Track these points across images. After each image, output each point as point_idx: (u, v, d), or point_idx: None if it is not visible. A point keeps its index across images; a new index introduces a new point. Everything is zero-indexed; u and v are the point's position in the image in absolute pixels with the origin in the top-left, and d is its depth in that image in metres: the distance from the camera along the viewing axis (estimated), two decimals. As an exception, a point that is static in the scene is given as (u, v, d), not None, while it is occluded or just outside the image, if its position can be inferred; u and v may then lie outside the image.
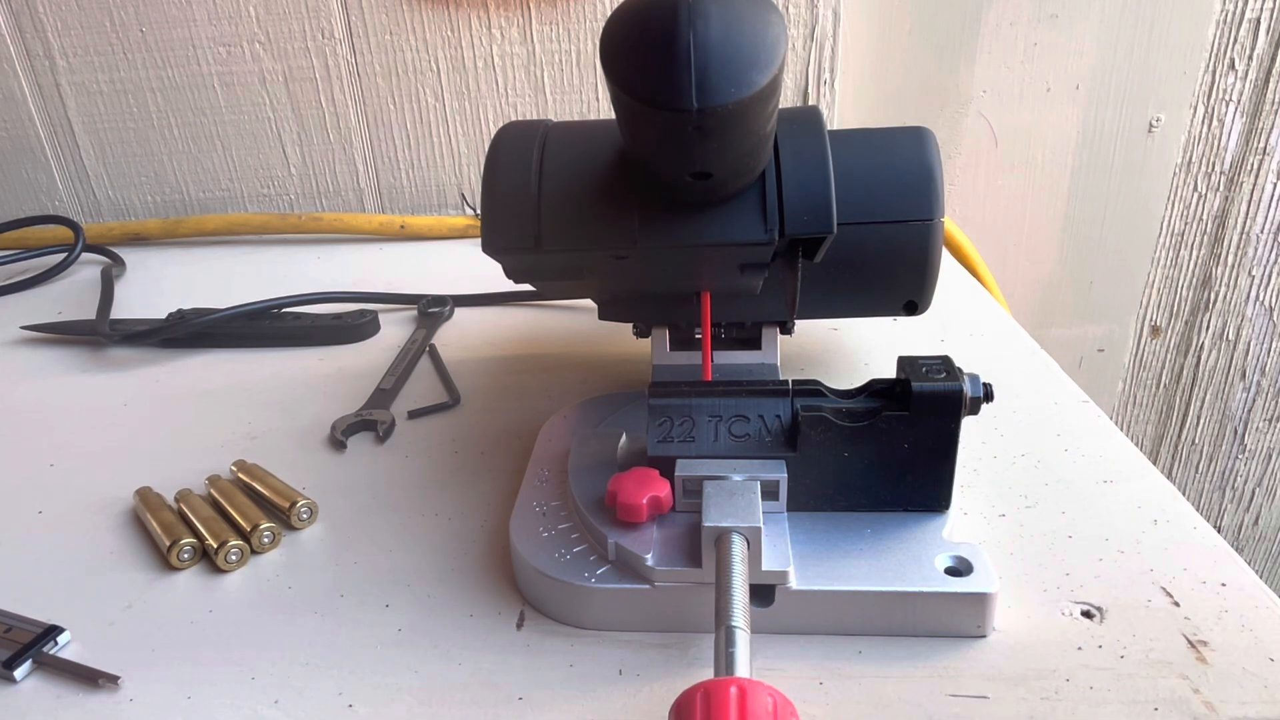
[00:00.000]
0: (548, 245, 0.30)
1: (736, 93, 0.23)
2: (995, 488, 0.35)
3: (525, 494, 0.33)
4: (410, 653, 0.29)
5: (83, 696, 0.27)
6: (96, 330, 0.52)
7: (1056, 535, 0.32)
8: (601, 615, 0.29)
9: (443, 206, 0.76)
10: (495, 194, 0.31)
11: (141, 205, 0.78)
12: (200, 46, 0.71)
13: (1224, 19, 0.69)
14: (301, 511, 0.35)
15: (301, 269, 0.66)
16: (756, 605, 0.27)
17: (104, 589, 0.32)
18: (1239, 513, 0.89)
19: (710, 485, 0.29)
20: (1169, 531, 0.32)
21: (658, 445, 0.30)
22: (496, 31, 0.70)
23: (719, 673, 0.23)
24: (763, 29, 0.23)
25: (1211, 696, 0.25)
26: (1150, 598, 0.29)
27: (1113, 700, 0.25)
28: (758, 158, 0.28)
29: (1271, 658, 0.26)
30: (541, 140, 0.32)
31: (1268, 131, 0.73)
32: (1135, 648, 0.27)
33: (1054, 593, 0.29)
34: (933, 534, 0.29)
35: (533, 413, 0.42)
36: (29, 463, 0.41)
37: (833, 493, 0.30)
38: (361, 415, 0.43)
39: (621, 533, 0.29)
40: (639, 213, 0.30)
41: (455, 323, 0.55)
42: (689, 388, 0.32)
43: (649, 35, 0.23)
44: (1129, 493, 0.34)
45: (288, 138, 0.74)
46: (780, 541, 0.28)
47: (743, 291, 0.34)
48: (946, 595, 0.27)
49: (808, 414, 0.29)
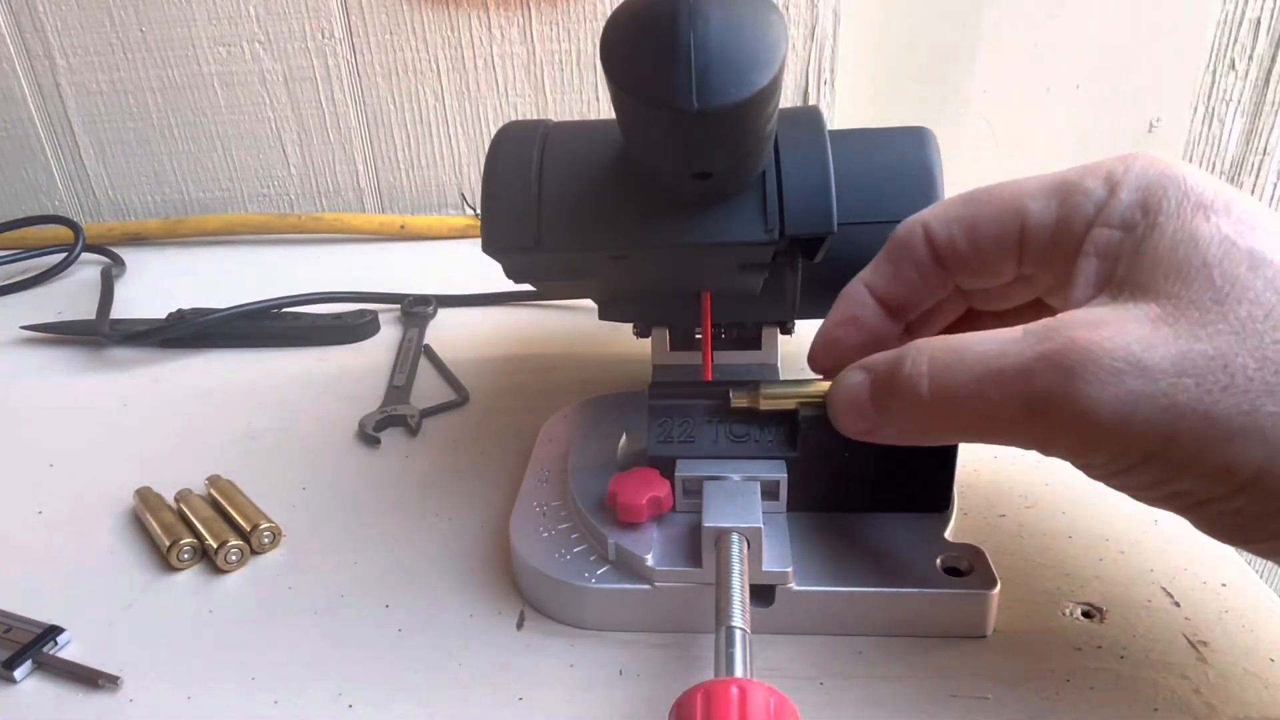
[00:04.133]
0: (548, 245, 0.30)
1: (737, 93, 0.23)
2: (995, 488, 0.35)
3: (525, 494, 0.33)
4: (410, 653, 0.29)
5: (83, 697, 0.27)
6: (96, 330, 0.52)
7: (1056, 535, 0.32)
8: (601, 615, 0.29)
9: (443, 206, 0.76)
10: (495, 194, 0.31)
11: (141, 205, 0.78)
12: (200, 46, 0.71)
13: (1224, 19, 0.69)
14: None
15: (301, 269, 0.66)
16: (756, 605, 0.27)
17: (104, 589, 0.32)
18: (1239, 513, 0.88)
19: (710, 485, 0.29)
20: (1169, 531, 0.32)
21: (658, 445, 0.30)
22: (496, 31, 0.70)
23: (719, 673, 0.23)
24: (763, 29, 0.23)
25: (1212, 697, 0.25)
26: (1150, 598, 0.29)
27: (1113, 701, 0.25)
28: (758, 158, 0.28)
29: (1272, 658, 0.26)
30: (541, 140, 0.32)
31: (1268, 132, 0.73)
32: (1135, 648, 0.27)
33: (1054, 593, 0.29)
34: (933, 534, 0.29)
35: (533, 413, 0.42)
36: (29, 463, 0.41)
37: (833, 493, 0.30)
38: (387, 411, 0.43)
39: (621, 533, 0.29)
40: (639, 213, 0.30)
41: (454, 323, 0.55)
42: (689, 388, 0.31)
43: (649, 35, 0.23)
44: (1129, 493, 0.34)
45: (288, 138, 0.74)
46: (780, 542, 0.28)
47: (743, 291, 0.34)
48: (946, 595, 0.27)
49: (808, 414, 0.29)
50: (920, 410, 0.24)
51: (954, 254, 0.26)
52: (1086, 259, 0.23)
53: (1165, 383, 0.20)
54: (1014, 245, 0.25)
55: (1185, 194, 0.22)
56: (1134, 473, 0.21)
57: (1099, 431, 0.20)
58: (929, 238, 0.27)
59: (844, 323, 0.28)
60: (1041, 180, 0.25)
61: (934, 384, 0.23)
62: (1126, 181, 0.23)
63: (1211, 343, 0.20)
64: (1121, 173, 0.23)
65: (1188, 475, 0.20)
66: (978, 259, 0.26)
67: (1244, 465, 0.19)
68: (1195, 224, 0.21)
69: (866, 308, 0.28)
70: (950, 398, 0.23)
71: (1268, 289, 0.20)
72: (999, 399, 0.22)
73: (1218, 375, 0.20)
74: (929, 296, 0.28)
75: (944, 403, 0.23)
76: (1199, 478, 0.20)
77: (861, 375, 0.26)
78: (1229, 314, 0.20)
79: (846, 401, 0.26)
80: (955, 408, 0.23)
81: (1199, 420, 0.20)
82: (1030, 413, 0.21)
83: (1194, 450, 0.20)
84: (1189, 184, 0.22)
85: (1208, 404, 0.19)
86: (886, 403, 0.25)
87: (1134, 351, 0.20)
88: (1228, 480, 0.20)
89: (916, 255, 0.27)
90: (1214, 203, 0.22)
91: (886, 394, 0.25)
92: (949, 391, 0.23)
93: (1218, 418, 0.19)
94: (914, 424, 0.25)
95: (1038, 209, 0.24)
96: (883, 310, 0.28)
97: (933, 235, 0.27)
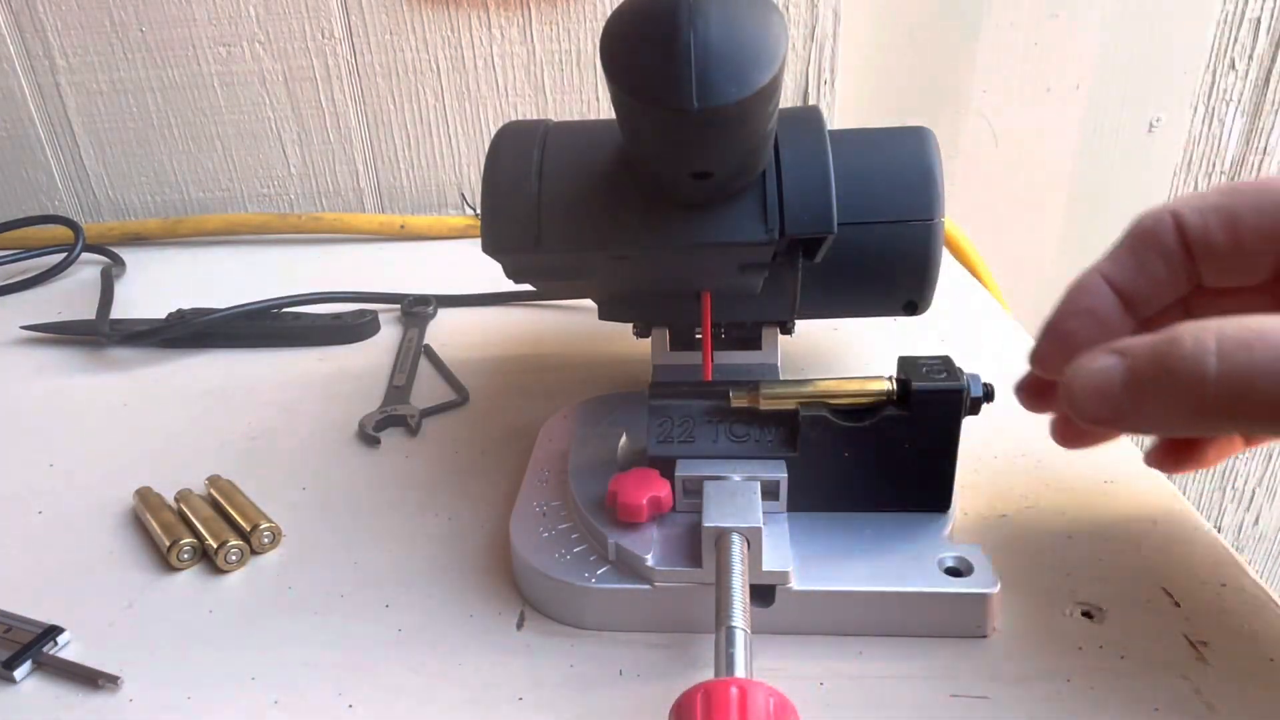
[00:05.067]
0: (548, 245, 0.30)
1: (737, 92, 0.23)
2: (996, 488, 0.35)
3: (525, 494, 0.33)
4: (410, 653, 0.29)
5: (83, 697, 0.27)
6: (96, 330, 0.52)
7: (1057, 535, 0.32)
8: (601, 615, 0.29)
9: (443, 206, 0.76)
10: (495, 194, 0.31)
11: (141, 205, 0.78)
12: (200, 46, 0.71)
13: (1224, 19, 0.69)
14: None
15: (301, 269, 0.66)
16: (757, 605, 0.27)
17: (104, 589, 0.32)
18: (1239, 513, 0.88)
19: (710, 485, 0.29)
20: (1169, 531, 0.32)
21: (658, 445, 0.30)
22: (496, 31, 0.69)
23: (719, 673, 0.23)
24: (763, 29, 0.23)
25: (1212, 697, 0.25)
26: (1150, 598, 0.29)
27: (1113, 701, 0.25)
28: (758, 157, 0.28)
29: (1272, 658, 0.26)
30: (541, 140, 0.32)
31: (1268, 131, 0.73)
32: (1135, 648, 0.27)
33: (1054, 593, 0.29)
34: (933, 534, 0.29)
35: (533, 412, 0.42)
36: (29, 463, 0.41)
37: (833, 493, 0.30)
38: (387, 411, 0.43)
39: (622, 533, 0.29)
40: (639, 213, 0.30)
41: (453, 323, 0.55)
42: (689, 388, 0.31)
43: (649, 35, 0.23)
44: (1129, 493, 0.34)
45: (288, 138, 0.74)
46: (780, 542, 0.28)
47: (743, 291, 0.34)
48: (947, 595, 0.27)
49: (808, 414, 0.29)
50: (1200, 394, 0.21)
51: (1208, 246, 0.25)
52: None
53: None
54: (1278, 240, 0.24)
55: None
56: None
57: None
58: (1180, 226, 0.25)
59: (1078, 314, 0.26)
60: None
61: (1225, 364, 0.21)
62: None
63: None
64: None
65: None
66: (1236, 252, 0.24)
67: None
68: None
69: (1104, 299, 0.26)
70: (1246, 379, 0.21)
71: None
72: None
73: None
74: (1171, 291, 0.26)
75: (1238, 385, 0.21)
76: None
77: (1113, 360, 0.23)
78: None
79: (1093, 387, 0.23)
80: (1251, 390, 0.21)
81: None
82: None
83: None
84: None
85: None
86: (1152, 388, 0.22)
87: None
88: None
89: (1165, 245, 0.25)
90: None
91: (1153, 377, 0.22)
92: (1245, 372, 0.21)
93: None
94: (1186, 409, 0.22)
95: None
96: (1120, 304, 0.26)
97: (1185, 224, 0.25)
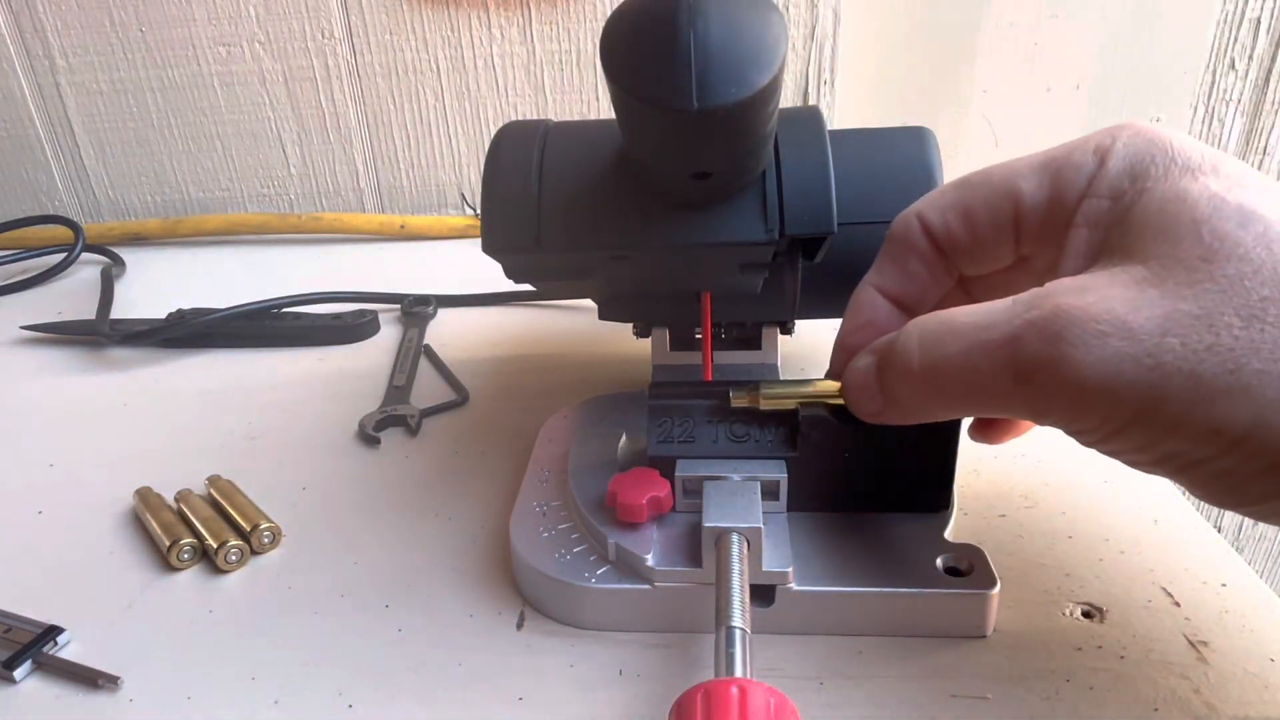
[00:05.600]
0: (548, 245, 0.30)
1: (737, 92, 0.23)
2: (995, 488, 0.35)
3: (525, 494, 0.33)
4: (410, 653, 0.29)
5: (83, 697, 0.27)
6: (96, 330, 0.52)
7: (1056, 535, 0.32)
8: (601, 615, 0.29)
9: (443, 206, 0.76)
10: (495, 194, 0.31)
11: (141, 205, 0.78)
12: (200, 46, 0.71)
13: (1224, 19, 0.69)
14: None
15: (301, 269, 0.66)
16: (756, 605, 0.27)
17: (104, 589, 0.32)
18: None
19: (710, 485, 0.29)
20: (1169, 531, 0.32)
21: (658, 445, 0.30)
22: (496, 31, 0.70)
23: (719, 673, 0.23)
24: (763, 29, 0.23)
25: (1212, 697, 0.25)
26: (1150, 598, 0.29)
27: (1113, 701, 0.25)
28: (758, 158, 0.28)
29: (1272, 658, 0.26)
30: (541, 140, 0.32)
31: (1268, 131, 0.73)
32: (1135, 648, 0.27)
33: (1054, 593, 0.29)
34: (933, 534, 0.29)
35: (532, 412, 0.42)
36: (29, 463, 0.41)
37: (833, 493, 0.30)
38: (388, 411, 0.43)
39: (621, 533, 0.29)
40: (639, 213, 0.30)
41: (453, 323, 0.55)
42: (689, 388, 0.31)
43: (649, 35, 0.23)
44: (1129, 493, 0.34)
45: (288, 138, 0.74)
46: (780, 542, 0.28)
47: (743, 291, 0.34)
48: (947, 595, 0.27)
49: (808, 414, 0.29)
50: (914, 384, 0.24)
51: (952, 241, 0.26)
52: (1077, 230, 0.23)
53: (1150, 343, 0.20)
54: (1010, 226, 0.25)
55: (1172, 158, 0.22)
56: (1124, 436, 0.21)
57: (1086, 395, 0.20)
58: (925, 227, 0.27)
59: (859, 329, 0.28)
60: (1032, 159, 0.25)
61: (924, 356, 0.23)
62: (1115, 151, 0.23)
63: (1197, 302, 0.20)
64: (1109, 144, 0.23)
65: (1176, 436, 0.20)
66: (976, 244, 0.26)
67: (1232, 424, 0.19)
68: (1183, 184, 0.21)
69: (880, 309, 0.28)
70: (940, 369, 0.23)
71: (1257, 244, 0.20)
72: (988, 368, 0.22)
73: (1203, 334, 0.19)
74: (937, 288, 0.28)
75: (935, 374, 0.23)
76: (1188, 438, 0.20)
77: (869, 358, 0.26)
78: (1216, 272, 0.20)
79: (858, 385, 0.27)
80: (946, 379, 0.23)
81: (1185, 380, 0.19)
82: (1019, 380, 0.21)
83: (1182, 410, 0.20)
84: (1176, 148, 0.22)
85: (1193, 363, 0.19)
86: (888, 380, 0.25)
87: (1118, 313, 0.20)
88: (1216, 440, 0.20)
89: (917, 247, 0.27)
90: (1202, 164, 0.22)
91: (886, 371, 0.25)
92: (938, 362, 0.23)
93: (1204, 377, 0.19)
94: (911, 399, 0.25)
95: (1030, 188, 0.25)
96: (896, 309, 0.28)
97: (929, 224, 0.27)
